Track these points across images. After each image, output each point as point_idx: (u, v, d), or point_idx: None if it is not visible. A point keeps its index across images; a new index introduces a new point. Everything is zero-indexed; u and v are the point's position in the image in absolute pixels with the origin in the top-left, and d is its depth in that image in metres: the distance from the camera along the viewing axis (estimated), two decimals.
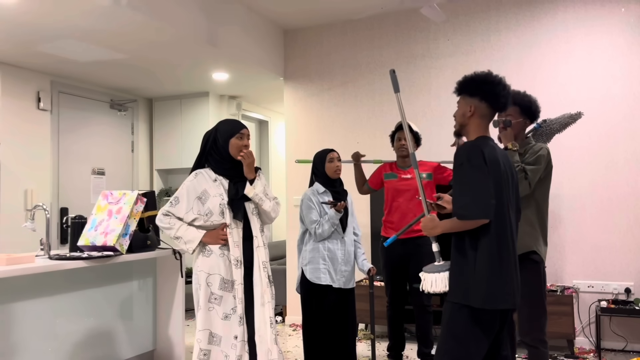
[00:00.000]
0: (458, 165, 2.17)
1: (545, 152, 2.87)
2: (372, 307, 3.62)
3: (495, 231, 2.11)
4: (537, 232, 2.87)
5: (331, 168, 3.43)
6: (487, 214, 2.08)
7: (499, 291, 2.09)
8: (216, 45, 4.47)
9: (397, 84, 2.51)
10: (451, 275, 2.21)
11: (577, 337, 4.34)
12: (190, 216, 2.81)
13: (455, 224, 2.14)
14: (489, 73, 2.28)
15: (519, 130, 2.97)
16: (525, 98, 2.98)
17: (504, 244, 2.14)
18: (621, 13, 4.36)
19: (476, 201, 2.09)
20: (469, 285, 2.11)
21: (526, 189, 2.81)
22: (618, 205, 4.32)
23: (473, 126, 2.27)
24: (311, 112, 5.44)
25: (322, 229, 3.31)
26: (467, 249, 2.14)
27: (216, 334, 2.77)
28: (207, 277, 2.78)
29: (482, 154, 2.12)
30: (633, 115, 4.31)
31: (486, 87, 2.24)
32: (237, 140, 2.85)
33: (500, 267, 2.11)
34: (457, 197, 2.14)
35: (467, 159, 2.13)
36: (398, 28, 5.09)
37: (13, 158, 4.77)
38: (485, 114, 2.26)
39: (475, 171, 2.11)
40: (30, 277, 3.14)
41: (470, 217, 2.09)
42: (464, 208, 2.10)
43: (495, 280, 2.09)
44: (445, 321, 2.18)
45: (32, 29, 3.89)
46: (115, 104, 5.86)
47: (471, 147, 2.16)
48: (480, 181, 2.10)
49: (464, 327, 2.13)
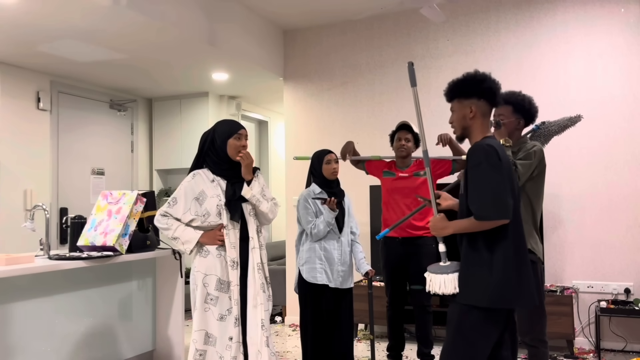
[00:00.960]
0: (475, 165, 2.13)
1: (538, 149, 2.88)
2: (371, 308, 3.62)
3: (512, 231, 2.11)
4: (530, 230, 2.88)
5: (328, 170, 3.44)
6: (507, 215, 2.07)
7: (513, 291, 2.08)
8: (216, 45, 4.47)
9: (415, 77, 2.43)
10: (462, 277, 2.18)
11: (577, 337, 4.34)
12: (188, 217, 2.81)
13: (472, 224, 2.11)
14: (476, 72, 2.28)
15: (512, 129, 2.98)
16: (518, 97, 2.98)
17: (520, 243, 2.14)
18: (621, 13, 4.37)
19: (496, 202, 2.07)
20: (483, 285, 2.10)
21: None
22: (618, 205, 4.32)
23: (476, 127, 2.25)
24: (311, 112, 5.44)
25: (317, 229, 3.32)
26: (482, 250, 2.12)
27: (212, 334, 2.77)
28: (203, 278, 2.78)
29: (497, 154, 2.12)
30: (633, 116, 4.31)
31: (480, 85, 2.24)
32: (235, 141, 2.84)
33: (516, 266, 2.10)
34: (475, 198, 2.11)
35: (486, 159, 2.11)
36: (398, 28, 5.09)
37: (13, 158, 4.77)
38: (486, 112, 2.27)
39: (493, 171, 2.09)
40: (29, 277, 3.14)
41: (490, 218, 2.07)
42: (483, 209, 2.08)
43: (511, 279, 2.08)
44: (453, 322, 2.16)
45: (32, 29, 3.89)
46: (114, 104, 5.86)
47: (487, 147, 2.13)
48: (499, 181, 2.09)
49: (474, 328, 2.12)
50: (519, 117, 2.98)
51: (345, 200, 3.54)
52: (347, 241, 3.47)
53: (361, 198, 4.98)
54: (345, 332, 3.44)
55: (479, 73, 2.27)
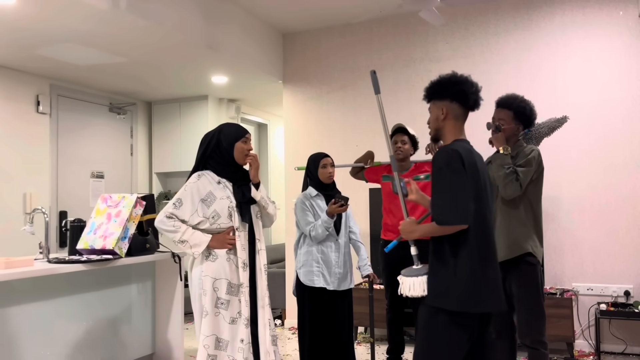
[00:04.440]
0: (437, 169, 2.14)
1: (536, 154, 2.90)
2: (371, 310, 3.62)
3: (476, 235, 2.10)
4: (531, 233, 2.89)
5: (324, 174, 3.44)
6: (465, 220, 2.07)
7: (478, 295, 2.07)
8: (215, 48, 4.47)
9: (378, 85, 2.49)
10: (429, 280, 2.18)
11: (577, 340, 4.34)
12: (196, 219, 2.77)
13: (434, 229, 2.11)
14: (454, 73, 2.27)
15: (510, 134, 2.98)
16: (521, 104, 2.98)
17: (484, 247, 2.12)
18: (619, 16, 4.38)
19: (454, 206, 2.06)
20: (447, 288, 2.10)
21: (517, 190, 2.83)
22: (617, 207, 4.32)
23: (448, 128, 2.25)
24: (310, 115, 5.44)
25: (315, 232, 3.32)
26: (446, 253, 2.12)
27: (222, 339, 2.76)
28: (213, 282, 2.75)
29: (460, 158, 2.10)
30: (631, 118, 4.31)
31: (453, 87, 2.23)
32: (242, 144, 2.85)
33: (480, 270, 2.09)
34: (436, 202, 2.11)
35: (446, 163, 2.11)
36: (397, 31, 5.10)
37: (12, 161, 4.77)
38: (458, 115, 2.25)
39: (454, 175, 2.09)
40: (29, 281, 3.13)
41: (449, 223, 2.07)
42: (442, 213, 2.08)
43: (475, 283, 2.07)
44: (421, 325, 2.17)
45: (31, 32, 3.89)
46: (114, 108, 5.87)
47: (450, 151, 2.14)
48: (459, 186, 2.08)
49: (440, 331, 2.11)
50: (518, 123, 2.98)
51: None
52: (345, 243, 3.47)
53: (361, 201, 4.98)
54: (345, 335, 3.43)
55: (455, 75, 2.26)
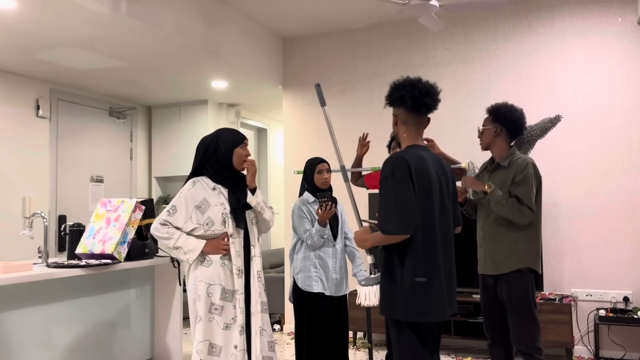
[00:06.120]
0: (383, 178, 2.12)
1: (531, 169, 2.87)
2: (369, 316, 3.62)
3: (422, 244, 2.09)
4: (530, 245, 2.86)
5: (320, 179, 3.44)
6: (407, 230, 2.05)
7: (420, 304, 2.07)
8: (215, 53, 4.49)
9: (323, 98, 2.55)
10: (380, 289, 2.19)
11: (576, 345, 4.33)
12: (190, 226, 2.77)
13: (381, 238, 2.11)
14: (405, 78, 2.24)
15: (491, 137, 2.98)
16: (498, 105, 2.99)
17: (431, 257, 2.10)
18: (618, 23, 4.39)
19: (398, 216, 2.05)
20: (394, 298, 2.10)
21: (529, 214, 2.80)
22: (616, 213, 4.32)
23: (402, 134, 2.26)
24: (310, 120, 5.45)
25: (312, 240, 3.32)
26: (395, 263, 2.12)
27: (216, 344, 2.75)
28: (207, 288, 2.75)
29: (407, 166, 2.08)
30: (630, 124, 4.32)
31: (394, 93, 2.23)
32: (241, 150, 2.86)
33: (428, 280, 2.08)
34: (381, 211, 2.10)
35: (391, 172, 2.09)
36: (396, 37, 5.12)
37: (12, 165, 4.77)
38: (407, 120, 2.23)
39: (398, 185, 2.07)
40: (27, 285, 3.13)
41: (392, 232, 2.06)
42: (386, 223, 2.07)
43: (417, 293, 2.07)
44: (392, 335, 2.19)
45: (31, 37, 3.90)
46: (114, 112, 5.87)
47: (396, 160, 2.12)
48: (403, 196, 2.06)
49: (399, 339, 2.13)
50: (496, 125, 2.97)
51: (339, 207, 3.54)
52: (342, 249, 3.47)
53: (360, 205, 4.99)
54: (341, 340, 3.43)
55: (397, 81, 2.24)
